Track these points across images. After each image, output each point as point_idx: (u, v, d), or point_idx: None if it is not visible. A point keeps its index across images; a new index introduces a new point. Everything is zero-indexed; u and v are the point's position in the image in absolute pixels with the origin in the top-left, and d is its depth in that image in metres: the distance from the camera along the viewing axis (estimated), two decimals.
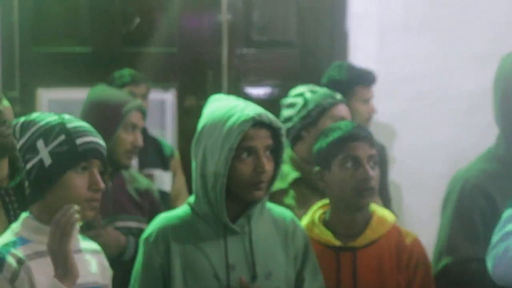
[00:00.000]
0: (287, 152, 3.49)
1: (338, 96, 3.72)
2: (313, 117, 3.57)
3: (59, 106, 4.87)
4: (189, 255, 2.67)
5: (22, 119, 2.46)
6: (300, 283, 2.74)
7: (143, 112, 3.81)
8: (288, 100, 3.72)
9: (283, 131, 2.56)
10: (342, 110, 3.64)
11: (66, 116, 2.44)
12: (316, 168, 2.97)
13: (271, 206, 2.78)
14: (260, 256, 2.64)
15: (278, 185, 3.37)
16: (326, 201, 3.01)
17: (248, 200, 2.55)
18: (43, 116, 2.45)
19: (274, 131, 2.51)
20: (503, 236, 2.67)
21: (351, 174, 2.84)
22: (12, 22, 5.11)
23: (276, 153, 2.57)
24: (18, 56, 5.08)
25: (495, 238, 2.66)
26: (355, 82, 4.42)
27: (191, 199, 2.66)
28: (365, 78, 4.49)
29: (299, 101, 3.69)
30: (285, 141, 2.65)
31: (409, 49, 4.97)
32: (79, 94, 4.41)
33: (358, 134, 2.90)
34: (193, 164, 2.56)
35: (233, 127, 2.49)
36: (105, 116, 3.69)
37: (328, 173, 2.89)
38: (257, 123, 2.44)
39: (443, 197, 3.18)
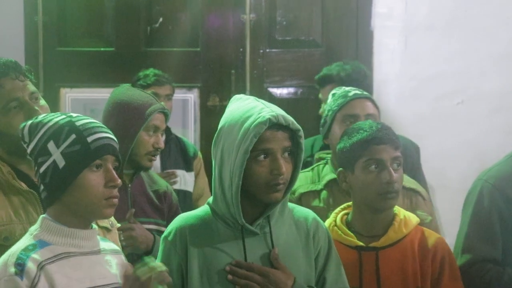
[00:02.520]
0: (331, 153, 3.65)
1: (352, 92, 3.67)
2: (327, 124, 3.63)
3: (83, 106, 5.07)
4: (207, 254, 2.69)
5: (28, 121, 2.46)
6: (322, 283, 2.75)
7: (165, 115, 3.75)
8: None
9: (301, 133, 2.52)
10: (353, 107, 3.62)
11: (74, 114, 2.42)
12: (339, 169, 3.01)
13: (293, 206, 2.80)
14: (280, 257, 2.64)
15: (312, 187, 3.60)
16: (349, 203, 3.09)
17: (265, 202, 2.53)
18: (50, 117, 2.44)
19: (293, 133, 2.49)
20: None
21: (375, 177, 2.88)
22: (36, 21, 5.17)
23: (295, 155, 2.54)
24: (42, 55, 5.13)
25: None
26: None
27: (211, 199, 2.67)
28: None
29: (323, 107, 3.91)
30: (303, 143, 2.58)
31: (434, 49, 4.98)
32: (103, 94, 4.53)
33: (382, 137, 2.93)
34: (213, 164, 2.58)
35: (249, 129, 2.48)
36: (128, 118, 3.68)
37: (351, 174, 2.92)
38: (274, 125, 2.42)
39: (465, 197, 3.25)
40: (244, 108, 2.59)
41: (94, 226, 2.46)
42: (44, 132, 2.39)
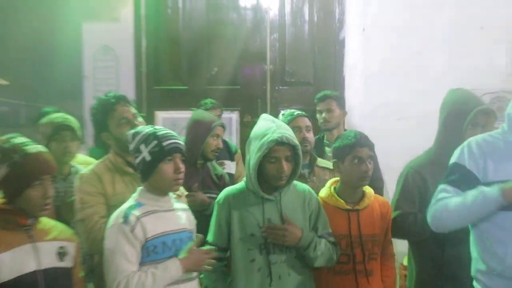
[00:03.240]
0: None
1: (296, 112, 4.42)
2: None
3: (169, 122, 5.89)
4: (242, 213, 3.32)
5: (131, 131, 3.07)
6: (315, 231, 3.35)
7: (223, 127, 4.46)
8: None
9: (298, 147, 3.16)
10: (297, 122, 4.32)
11: (157, 127, 3.05)
12: (334, 160, 3.54)
13: (296, 183, 3.37)
14: (286, 214, 3.29)
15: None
16: (335, 179, 3.64)
17: (275, 186, 3.12)
18: (143, 128, 3.03)
19: (293, 146, 3.15)
20: (436, 201, 3.08)
21: (357, 167, 3.46)
22: (141, 71, 6.27)
23: (295, 159, 3.22)
24: (145, 91, 6.18)
25: (431, 202, 3.07)
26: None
27: (245, 179, 3.33)
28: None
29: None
30: (300, 153, 3.24)
31: (384, 87, 5.91)
32: (181, 115, 5.62)
33: (363, 142, 3.48)
34: (246, 158, 3.29)
35: (263, 144, 3.10)
36: (201, 129, 4.37)
37: (342, 164, 3.48)
38: (280, 142, 3.07)
39: (398, 177, 3.78)
40: (264, 127, 3.21)
41: (171, 194, 3.06)
42: (139, 138, 2.99)
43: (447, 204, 2.95)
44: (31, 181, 2.72)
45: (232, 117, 6.09)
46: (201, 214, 3.74)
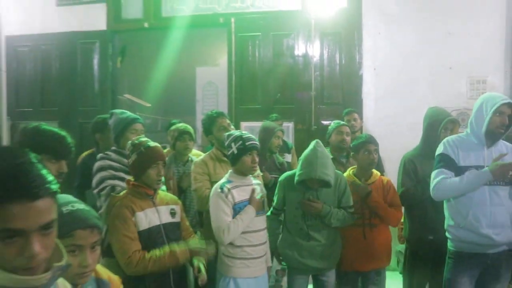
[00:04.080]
0: None
1: (341, 123, 4.43)
2: (330, 133, 4.39)
3: (249, 129, 5.61)
4: (291, 192, 3.43)
5: (226, 134, 3.25)
6: (340, 203, 3.43)
7: (282, 131, 4.71)
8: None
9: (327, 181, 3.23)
10: (342, 130, 4.31)
11: (243, 132, 3.25)
12: (352, 153, 3.74)
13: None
14: (322, 192, 3.36)
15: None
16: (355, 166, 3.72)
17: None
18: (234, 132, 3.23)
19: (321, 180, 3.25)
20: (440, 180, 3.02)
21: (367, 157, 3.58)
22: (232, 96, 6.32)
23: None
24: (234, 109, 6.25)
25: (435, 180, 3.06)
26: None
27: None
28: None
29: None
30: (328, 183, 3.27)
31: (387, 106, 5.87)
32: (256, 124, 5.46)
33: (371, 140, 3.60)
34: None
35: (307, 178, 3.24)
36: (268, 133, 4.40)
37: (357, 155, 3.64)
38: (315, 180, 3.21)
39: (399, 165, 3.79)
40: (310, 161, 3.27)
41: (254, 184, 3.21)
42: (231, 139, 3.17)
43: (447, 182, 3.05)
44: (150, 164, 2.86)
45: (289, 125, 6.15)
46: (268, 187, 3.92)
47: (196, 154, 4.49)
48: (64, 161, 2.27)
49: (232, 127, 3.84)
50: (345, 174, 3.66)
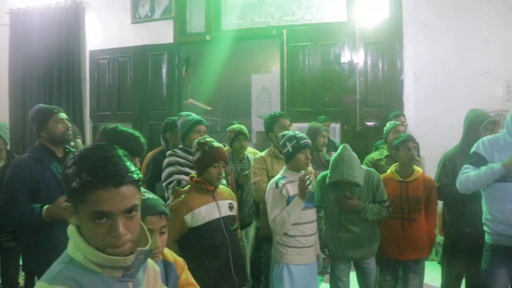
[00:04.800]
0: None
1: (397, 123, 4.36)
2: (387, 133, 4.32)
3: (300, 130, 4.61)
4: (327, 190, 3.33)
5: (281, 133, 3.27)
6: (374, 198, 3.36)
7: (327, 131, 4.77)
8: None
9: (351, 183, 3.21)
10: (398, 128, 4.23)
11: (297, 132, 3.25)
12: (393, 151, 3.65)
13: (367, 169, 3.35)
14: (356, 190, 3.31)
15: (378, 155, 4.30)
16: (397, 163, 3.58)
17: None
18: (287, 132, 3.24)
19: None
20: (461, 174, 3.06)
21: (406, 153, 3.46)
22: (284, 100, 6.30)
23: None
24: (286, 112, 5.78)
25: (459, 175, 3.09)
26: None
27: None
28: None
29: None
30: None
31: (427, 109, 5.71)
32: (306, 125, 5.02)
33: (410, 139, 3.51)
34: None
35: (337, 180, 3.20)
36: (314, 133, 4.47)
37: (398, 153, 3.53)
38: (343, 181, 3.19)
39: (438, 162, 3.73)
40: (337, 160, 3.27)
41: (302, 171, 3.16)
42: (286, 138, 3.18)
43: (468, 175, 3.02)
44: (212, 162, 2.85)
45: (336, 126, 6.11)
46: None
47: (251, 152, 4.49)
48: (138, 158, 2.30)
49: (292, 128, 3.85)
50: (388, 171, 3.60)
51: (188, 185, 2.97)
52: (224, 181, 3.23)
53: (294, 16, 6.20)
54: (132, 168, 1.26)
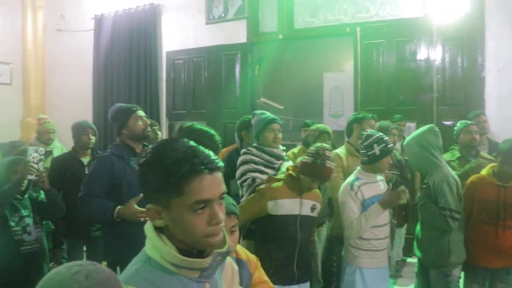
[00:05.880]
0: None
1: (469, 122, 4.24)
2: (458, 134, 4.24)
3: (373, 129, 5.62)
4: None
5: (365, 133, 3.19)
6: (437, 203, 3.25)
7: (397, 130, 4.69)
8: None
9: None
10: (469, 128, 4.14)
11: (383, 134, 3.18)
12: (494, 153, 3.54)
13: None
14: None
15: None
16: (493, 164, 3.44)
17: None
18: (374, 133, 3.16)
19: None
20: None
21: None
22: (357, 99, 6.18)
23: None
24: (360, 109, 5.90)
25: None
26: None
27: None
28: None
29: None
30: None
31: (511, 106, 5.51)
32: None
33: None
34: None
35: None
36: (383, 131, 3.86)
37: (499, 157, 3.32)
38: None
39: None
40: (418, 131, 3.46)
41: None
42: (373, 139, 3.09)
43: None
44: (316, 179, 2.86)
45: (412, 126, 5.85)
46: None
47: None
48: None
49: (377, 129, 3.88)
50: (483, 172, 3.44)
51: (263, 185, 3.02)
52: None
53: (368, 13, 6.14)
54: (214, 155, 1.27)
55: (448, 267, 3.21)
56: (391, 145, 3.13)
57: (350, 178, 3.19)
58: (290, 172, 2.95)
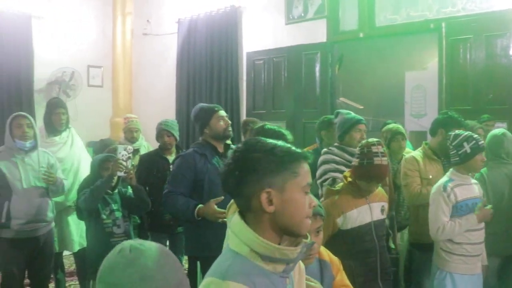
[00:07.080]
0: None
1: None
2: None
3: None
4: None
5: (453, 133, 3.10)
6: None
7: (483, 129, 4.37)
8: None
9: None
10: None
11: (471, 133, 3.10)
12: None
13: None
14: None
15: None
16: None
17: None
18: (462, 132, 3.08)
19: None
20: None
21: None
22: (442, 98, 5.75)
23: None
24: (445, 109, 5.38)
25: None
26: None
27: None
28: None
29: None
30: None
31: None
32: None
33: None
34: None
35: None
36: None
37: None
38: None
39: None
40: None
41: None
42: (462, 138, 3.01)
43: None
44: (372, 179, 2.77)
45: (502, 126, 5.25)
46: None
47: (408, 152, 4.35)
48: None
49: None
50: None
51: (341, 183, 2.93)
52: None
53: (454, 7, 5.76)
54: None
55: None
56: (482, 142, 3.03)
57: (443, 179, 3.11)
58: (349, 179, 2.86)
